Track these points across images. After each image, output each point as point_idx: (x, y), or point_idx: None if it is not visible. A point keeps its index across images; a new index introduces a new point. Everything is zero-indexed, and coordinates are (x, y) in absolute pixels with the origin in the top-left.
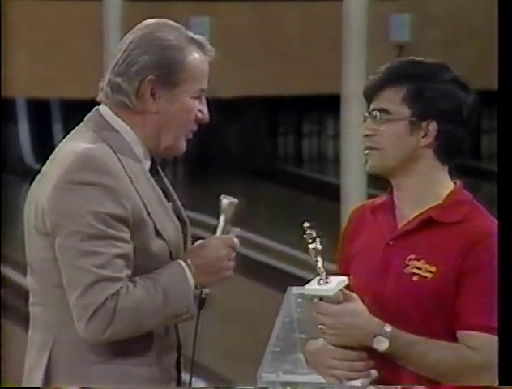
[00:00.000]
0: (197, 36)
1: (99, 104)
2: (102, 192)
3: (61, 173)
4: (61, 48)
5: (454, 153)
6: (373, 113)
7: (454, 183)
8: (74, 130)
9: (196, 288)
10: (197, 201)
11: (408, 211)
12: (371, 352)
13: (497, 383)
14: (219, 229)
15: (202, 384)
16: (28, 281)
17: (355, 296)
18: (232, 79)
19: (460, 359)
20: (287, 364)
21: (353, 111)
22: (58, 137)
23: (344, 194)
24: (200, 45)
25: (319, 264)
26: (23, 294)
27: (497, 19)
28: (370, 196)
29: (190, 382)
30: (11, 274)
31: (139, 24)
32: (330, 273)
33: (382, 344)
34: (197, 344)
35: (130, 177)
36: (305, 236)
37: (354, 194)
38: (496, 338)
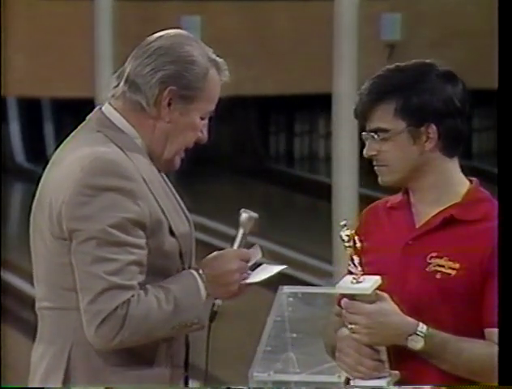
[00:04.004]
0: (218, 59)
1: (89, 102)
2: (121, 196)
3: (78, 177)
4: (52, 47)
5: (460, 144)
6: (371, 134)
7: (470, 181)
8: (77, 130)
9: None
10: (188, 200)
11: (428, 209)
12: (397, 352)
13: None
14: (236, 243)
15: (192, 384)
16: (36, 285)
17: (386, 295)
18: None
19: (494, 357)
20: (278, 363)
21: (344, 110)
22: (49, 136)
23: (336, 193)
24: (219, 68)
25: (356, 263)
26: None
27: (487, 18)
28: (362, 195)
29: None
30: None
31: (165, 33)
32: (327, 274)
33: (417, 344)
34: (209, 355)
35: (143, 178)
36: (341, 234)
37: (345, 194)
38: None
